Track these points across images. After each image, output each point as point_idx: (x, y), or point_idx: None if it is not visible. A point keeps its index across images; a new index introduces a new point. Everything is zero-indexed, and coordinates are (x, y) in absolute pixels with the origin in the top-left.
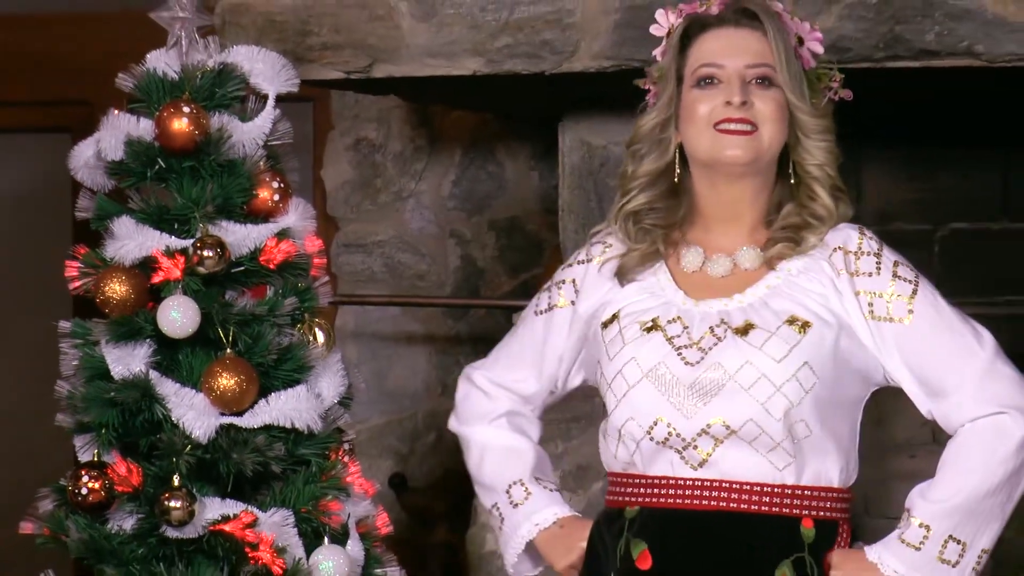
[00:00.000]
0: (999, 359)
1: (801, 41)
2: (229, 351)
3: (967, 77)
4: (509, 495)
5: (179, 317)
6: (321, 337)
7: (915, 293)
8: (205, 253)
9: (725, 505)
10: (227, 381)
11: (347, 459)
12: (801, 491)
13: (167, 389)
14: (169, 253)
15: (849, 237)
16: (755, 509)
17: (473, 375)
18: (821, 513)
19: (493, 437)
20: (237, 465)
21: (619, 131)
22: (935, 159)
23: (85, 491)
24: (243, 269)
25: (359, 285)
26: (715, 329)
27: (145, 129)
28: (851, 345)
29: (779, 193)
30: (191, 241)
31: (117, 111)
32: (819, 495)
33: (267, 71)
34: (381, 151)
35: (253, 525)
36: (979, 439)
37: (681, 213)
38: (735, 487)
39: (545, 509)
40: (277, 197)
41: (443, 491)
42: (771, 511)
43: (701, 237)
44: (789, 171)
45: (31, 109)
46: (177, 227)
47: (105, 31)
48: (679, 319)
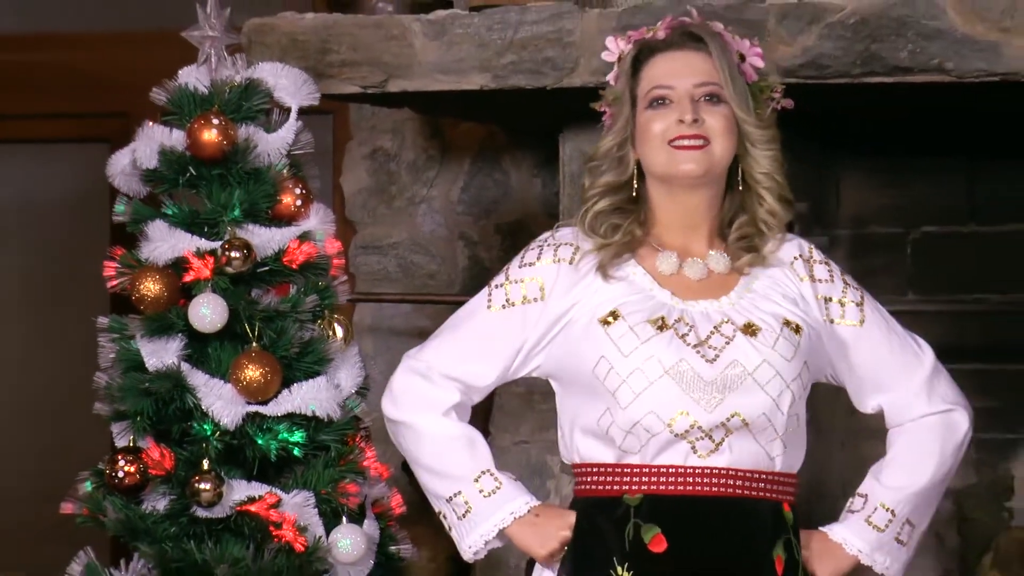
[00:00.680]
0: (938, 363)
1: (743, 57)
2: (255, 345)
3: (938, 92)
4: (478, 484)
5: (209, 313)
6: (340, 332)
7: (863, 301)
8: (233, 254)
9: (727, 491)
10: (253, 372)
11: (363, 445)
12: (783, 478)
13: (197, 380)
14: (199, 254)
15: (802, 247)
16: (750, 494)
17: (417, 366)
18: (791, 498)
19: (451, 427)
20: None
21: None
22: (907, 168)
23: (121, 474)
24: (268, 269)
25: (375, 284)
26: (721, 328)
27: (177, 139)
28: (814, 345)
29: (731, 200)
30: (220, 243)
31: (152, 123)
32: (790, 481)
33: (290, 86)
34: (395, 160)
35: (277, 506)
36: (934, 433)
37: (641, 216)
38: (736, 474)
39: (519, 498)
40: (299, 202)
41: None
42: (763, 496)
43: (665, 241)
44: (738, 179)
45: (72, 121)
46: (207, 230)
47: (141, 49)
48: (681, 318)
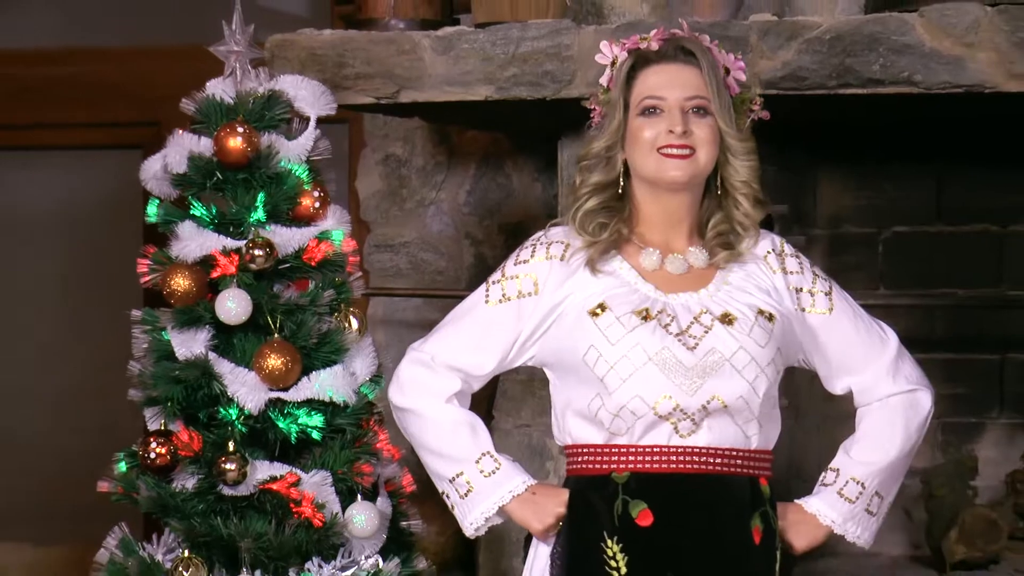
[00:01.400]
0: (902, 347)
1: (727, 71)
2: (276, 335)
3: (907, 102)
4: (479, 465)
5: (234, 306)
6: (355, 324)
7: (832, 291)
8: (256, 252)
9: (707, 468)
10: (275, 361)
11: (377, 428)
12: (759, 454)
13: (223, 368)
14: (225, 252)
15: (775, 242)
16: (729, 471)
17: (421, 356)
18: (768, 472)
19: (454, 413)
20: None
21: None
22: (880, 172)
23: (153, 455)
24: (288, 266)
25: (387, 279)
26: (700, 318)
27: (205, 146)
28: (787, 332)
29: (709, 201)
30: (244, 242)
31: (181, 131)
32: (766, 457)
33: (309, 97)
34: (406, 165)
35: (297, 484)
36: (900, 411)
37: (626, 214)
38: (715, 452)
39: (516, 478)
40: (318, 204)
41: None
42: (741, 472)
43: (648, 239)
44: (716, 184)
45: (108, 129)
46: (232, 230)
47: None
48: (664, 310)
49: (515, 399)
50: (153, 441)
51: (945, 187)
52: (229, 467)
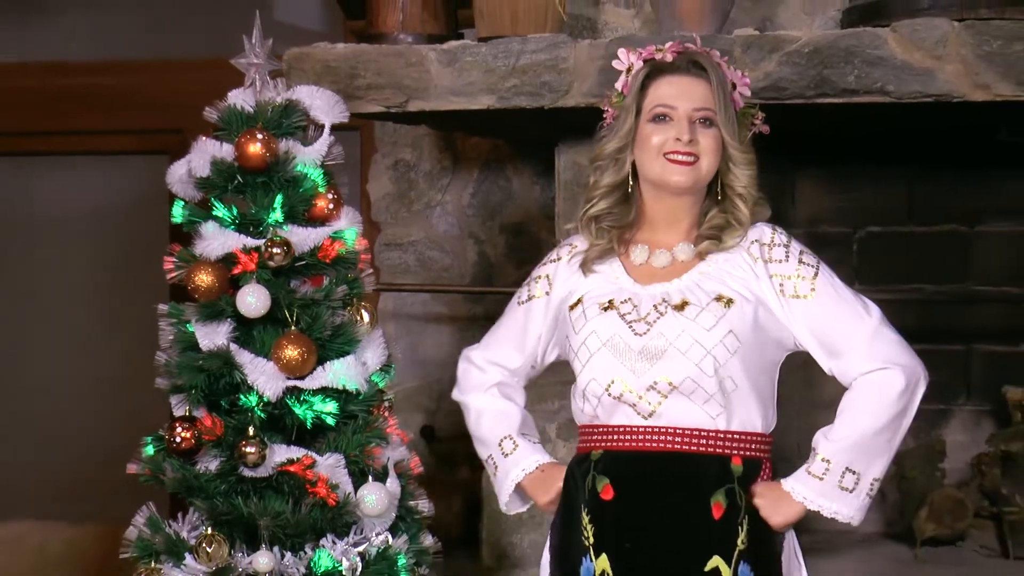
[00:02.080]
0: (884, 325)
1: (734, 86)
2: (293, 328)
3: (881, 111)
4: (501, 447)
5: (254, 301)
6: (366, 317)
7: (816, 275)
8: (274, 250)
9: (670, 447)
10: (292, 352)
11: (387, 414)
12: (731, 435)
13: (244, 358)
14: (246, 250)
15: (763, 232)
16: (694, 449)
17: (470, 355)
18: (747, 453)
19: (488, 402)
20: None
21: None
22: (854, 175)
23: (179, 439)
24: (304, 263)
25: (397, 276)
26: (658, 307)
27: (227, 152)
28: (768, 318)
29: (709, 202)
30: (263, 241)
31: (205, 138)
32: (745, 438)
33: (324, 106)
34: (414, 170)
35: (312, 467)
36: (869, 389)
37: (631, 217)
38: (678, 432)
39: (529, 457)
40: (332, 206)
41: (464, 440)
42: (707, 451)
43: (648, 237)
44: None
45: (136, 136)
46: (252, 229)
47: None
48: (630, 300)
49: None
50: (178, 426)
51: (916, 190)
52: (249, 450)
